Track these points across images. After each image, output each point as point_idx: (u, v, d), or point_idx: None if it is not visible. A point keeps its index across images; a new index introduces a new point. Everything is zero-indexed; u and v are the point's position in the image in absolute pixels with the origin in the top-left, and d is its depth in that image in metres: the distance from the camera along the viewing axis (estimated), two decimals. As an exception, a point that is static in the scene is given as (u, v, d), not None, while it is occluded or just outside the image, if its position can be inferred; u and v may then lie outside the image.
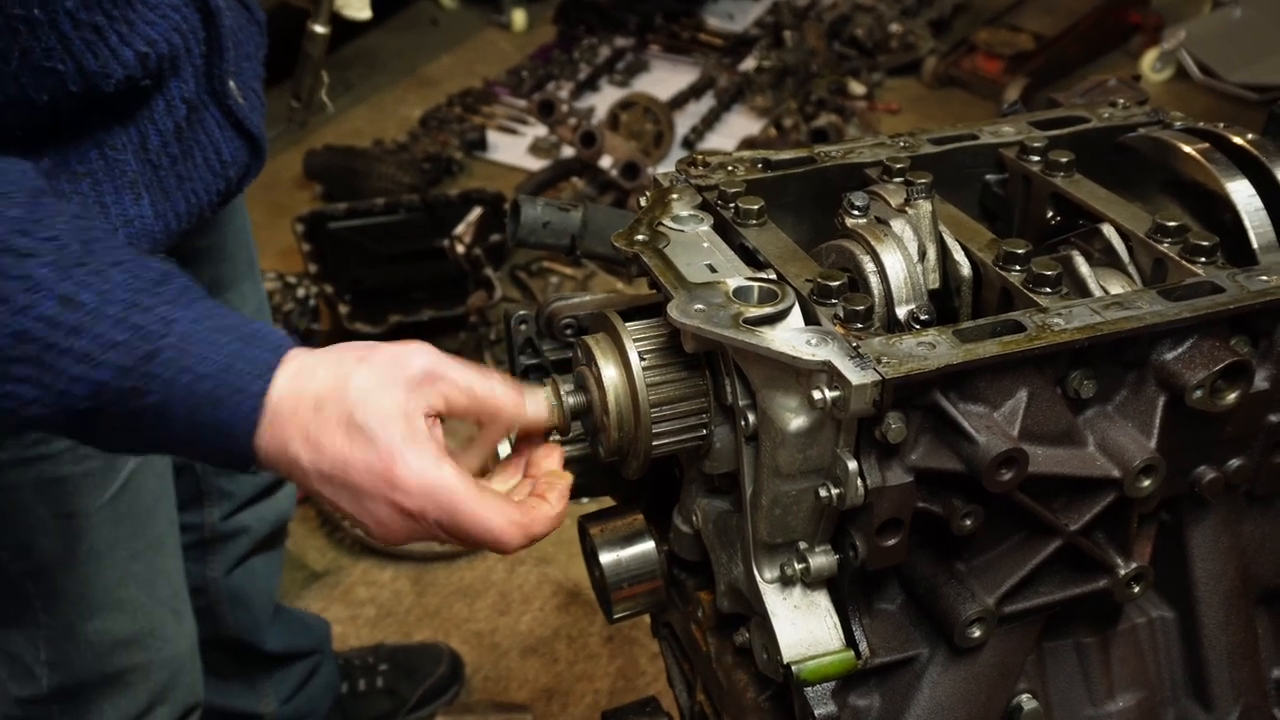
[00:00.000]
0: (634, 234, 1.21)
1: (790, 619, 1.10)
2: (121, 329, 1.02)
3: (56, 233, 1.03)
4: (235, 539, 2.23)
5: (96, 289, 1.03)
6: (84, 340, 1.02)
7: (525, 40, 5.96)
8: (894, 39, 5.58)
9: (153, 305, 1.04)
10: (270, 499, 2.26)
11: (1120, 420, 1.09)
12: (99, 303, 1.02)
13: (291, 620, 2.44)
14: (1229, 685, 1.22)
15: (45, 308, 1.01)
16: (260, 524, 2.25)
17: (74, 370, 1.02)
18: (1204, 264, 1.13)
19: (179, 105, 1.42)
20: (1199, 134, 1.33)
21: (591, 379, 1.19)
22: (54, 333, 1.01)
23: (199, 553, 2.22)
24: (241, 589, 2.28)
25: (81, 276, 1.02)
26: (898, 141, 1.38)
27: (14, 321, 1.00)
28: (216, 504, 2.17)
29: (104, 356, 1.02)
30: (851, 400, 0.95)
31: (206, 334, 1.06)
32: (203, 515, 2.18)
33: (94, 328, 1.02)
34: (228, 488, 2.17)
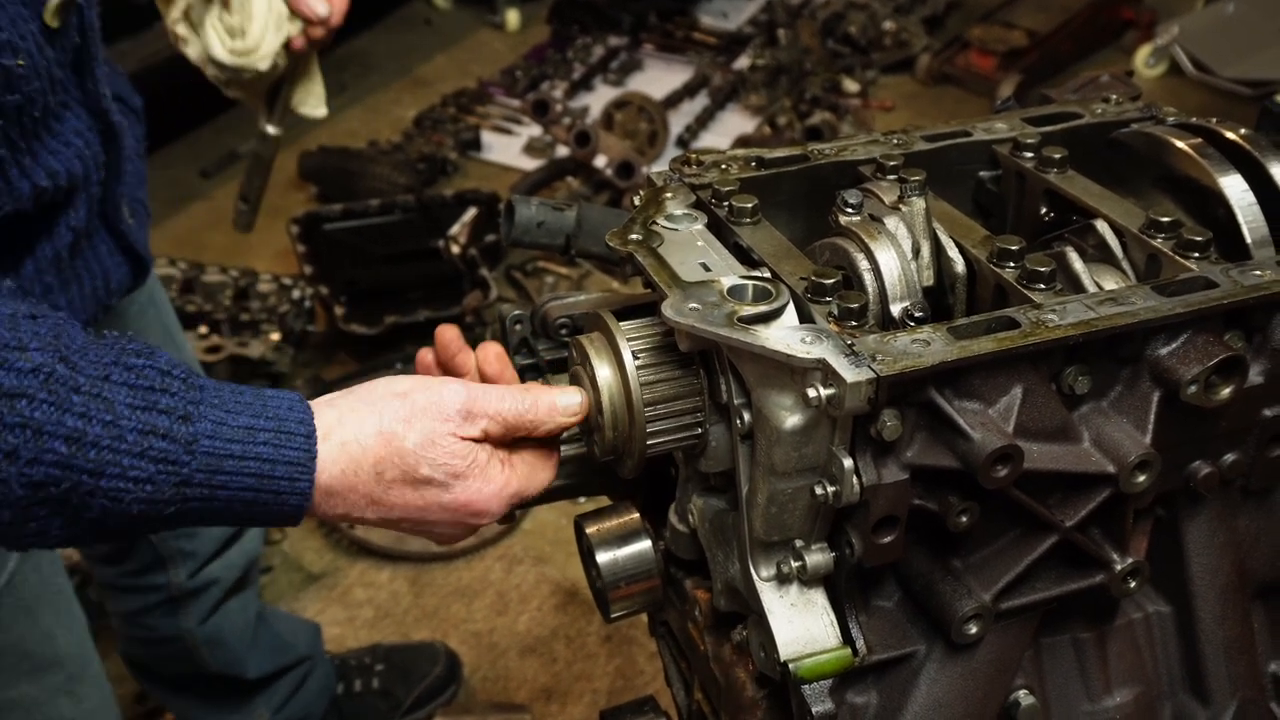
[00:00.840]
0: (628, 233, 1.21)
1: (787, 617, 1.10)
2: (145, 462, 0.97)
3: (35, 362, 0.95)
4: (206, 591, 2.23)
5: (101, 419, 0.96)
6: (107, 481, 0.96)
7: (519, 40, 5.96)
8: (888, 36, 5.59)
9: (167, 427, 0.99)
10: (236, 545, 2.25)
11: (1115, 416, 1.09)
12: (111, 436, 0.96)
13: (274, 638, 2.42)
14: (1226, 679, 1.22)
15: (55, 452, 0.94)
16: (229, 572, 2.25)
17: (101, 505, 0.97)
18: (1197, 259, 1.14)
19: (64, 234, 1.40)
20: (1192, 129, 1.33)
21: (586, 378, 1.19)
22: (71, 476, 0.95)
23: (170, 608, 2.22)
24: (218, 632, 2.28)
25: (80, 406, 0.95)
26: (891, 139, 1.38)
27: (27, 474, 0.94)
28: (180, 565, 2.17)
29: (133, 494, 0.98)
30: (847, 398, 0.95)
31: (231, 441, 1.02)
32: (167, 576, 2.17)
33: (114, 465, 0.96)
34: (188, 548, 2.16)
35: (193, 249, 4.20)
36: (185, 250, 4.12)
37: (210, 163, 4.83)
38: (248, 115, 1.62)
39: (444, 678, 2.71)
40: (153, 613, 2.24)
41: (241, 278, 3.77)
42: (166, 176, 4.80)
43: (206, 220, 4.53)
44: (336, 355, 3.81)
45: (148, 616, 2.26)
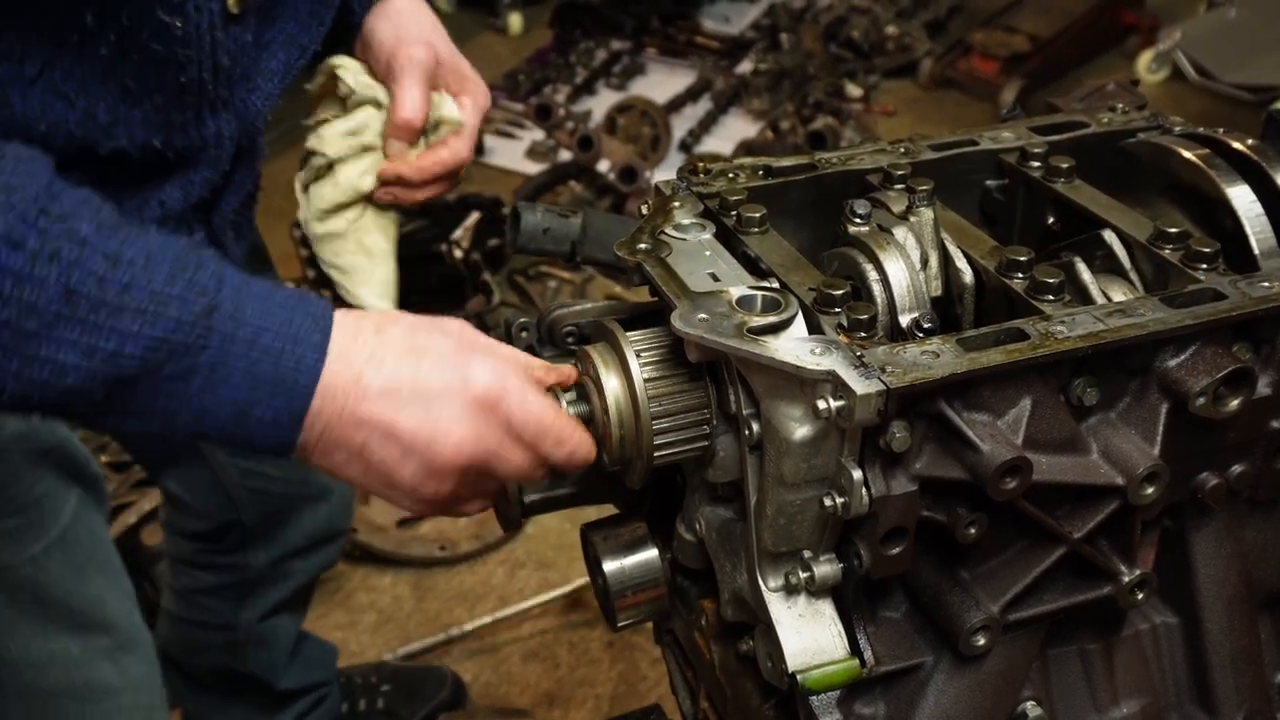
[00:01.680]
0: (636, 243, 1.21)
1: (795, 627, 1.10)
2: (176, 284, 1.00)
3: (85, 196, 1.00)
4: (276, 585, 2.24)
5: (142, 247, 1.00)
6: (138, 295, 0.99)
7: (521, 44, 5.97)
8: (890, 41, 5.59)
9: (199, 263, 1.03)
10: (322, 549, 2.27)
11: (1123, 427, 1.09)
12: (146, 260, 1.00)
13: (310, 655, 2.43)
14: (1233, 691, 1.22)
15: (94, 264, 0.97)
16: (305, 572, 2.27)
17: (130, 326, 0.98)
18: (1206, 270, 1.14)
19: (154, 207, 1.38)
20: (1199, 139, 1.33)
21: (593, 388, 1.19)
22: (105, 290, 0.97)
23: (236, 592, 2.23)
24: (270, 633, 2.29)
25: (122, 235, 1.00)
26: (898, 148, 1.38)
27: (65, 277, 0.96)
28: (263, 549, 2.18)
29: (162, 309, 0.99)
30: (856, 410, 0.95)
31: (257, 289, 1.05)
32: (246, 558, 2.18)
33: (148, 283, 0.99)
34: (275, 534, 2.18)
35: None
36: (188, 253, 4.13)
37: (213, 166, 4.83)
38: None
39: (449, 702, 2.70)
40: (218, 594, 2.24)
41: (244, 281, 3.77)
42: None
43: (209, 223, 4.53)
44: (339, 359, 3.81)
45: (211, 598, 2.25)
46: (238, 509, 2.11)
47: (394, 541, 3.11)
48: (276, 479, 2.12)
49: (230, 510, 2.11)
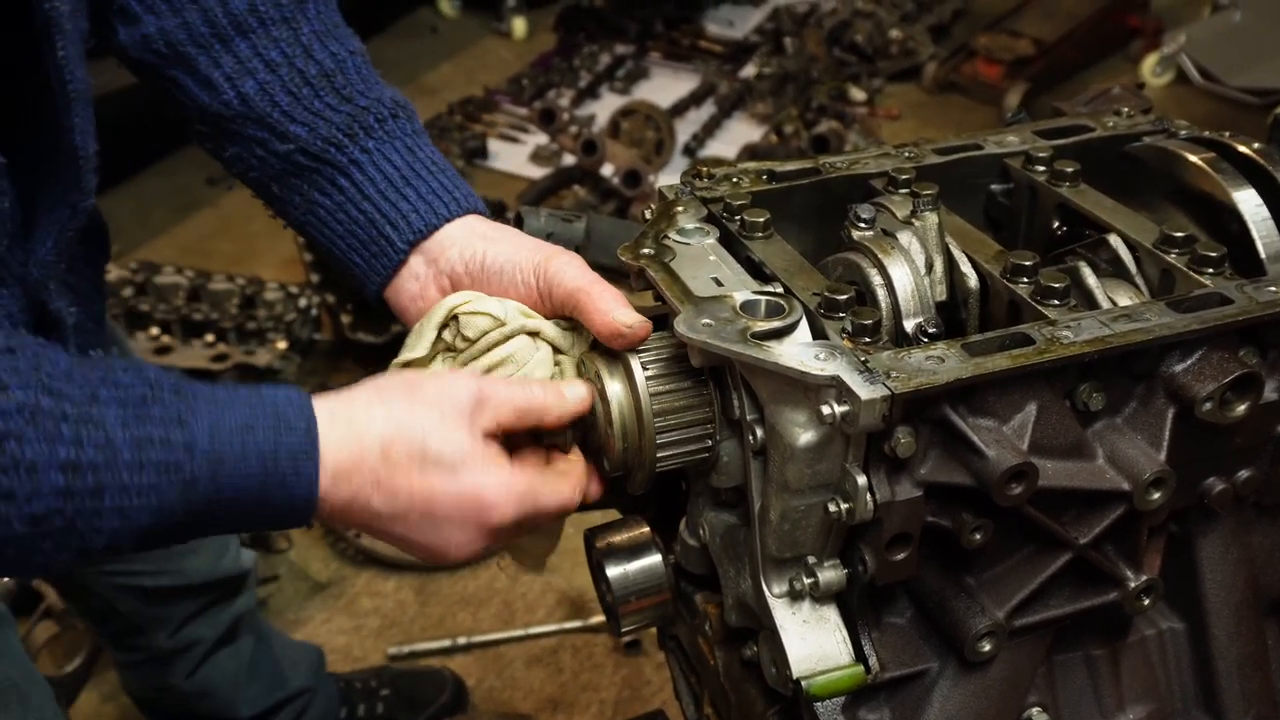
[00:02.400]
0: (640, 247, 1.20)
1: (799, 633, 1.09)
2: (144, 473, 0.95)
3: (18, 401, 0.91)
4: (189, 650, 2.21)
5: (95, 441, 0.93)
6: (110, 496, 0.94)
7: (526, 48, 5.97)
8: (894, 45, 5.59)
9: (163, 435, 0.96)
10: (221, 606, 2.22)
11: (1129, 432, 1.09)
12: (106, 454, 0.94)
13: (271, 674, 2.38)
14: (1239, 696, 1.22)
15: (53, 482, 0.92)
16: (214, 630, 2.22)
17: (110, 525, 0.95)
18: (1212, 275, 1.13)
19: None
20: (1205, 143, 1.32)
21: (596, 393, 1.18)
22: (73, 501, 0.93)
23: (154, 666, 2.21)
24: (206, 684, 2.26)
25: (71, 434, 0.92)
26: (902, 152, 1.37)
27: (28, 510, 0.91)
28: (158, 629, 2.15)
29: (138, 503, 0.95)
30: (861, 415, 0.95)
31: (231, 438, 0.99)
32: (146, 639, 2.15)
33: (115, 480, 0.94)
34: (163, 614, 2.14)
35: (199, 257, 4.21)
36: (191, 258, 4.13)
37: (217, 170, 4.80)
38: None
39: (450, 706, 2.68)
40: (140, 668, 2.25)
41: (248, 286, 3.77)
42: (173, 184, 4.81)
43: (213, 228, 4.53)
44: (343, 363, 3.81)
45: (135, 670, 2.27)
46: (108, 602, 2.08)
47: (398, 546, 3.11)
48: (147, 574, 2.06)
49: (101, 601, 2.08)
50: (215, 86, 1.33)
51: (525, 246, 1.26)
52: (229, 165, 1.40)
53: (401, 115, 1.37)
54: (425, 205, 1.31)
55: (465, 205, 1.33)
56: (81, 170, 1.23)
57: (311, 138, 1.32)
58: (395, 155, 1.33)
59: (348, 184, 1.33)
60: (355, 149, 1.32)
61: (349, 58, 1.36)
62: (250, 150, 1.36)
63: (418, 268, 1.31)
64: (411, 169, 1.33)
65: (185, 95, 1.35)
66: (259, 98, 1.32)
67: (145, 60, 1.35)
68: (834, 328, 1.06)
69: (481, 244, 1.28)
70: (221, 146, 1.39)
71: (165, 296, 3.72)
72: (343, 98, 1.34)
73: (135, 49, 1.34)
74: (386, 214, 1.31)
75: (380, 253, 1.32)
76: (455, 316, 1.23)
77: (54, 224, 1.25)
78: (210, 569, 2.15)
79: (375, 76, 1.39)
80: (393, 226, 1.31)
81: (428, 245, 1.31)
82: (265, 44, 1.32)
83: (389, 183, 1.32)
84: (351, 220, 1.33)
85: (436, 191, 1.32)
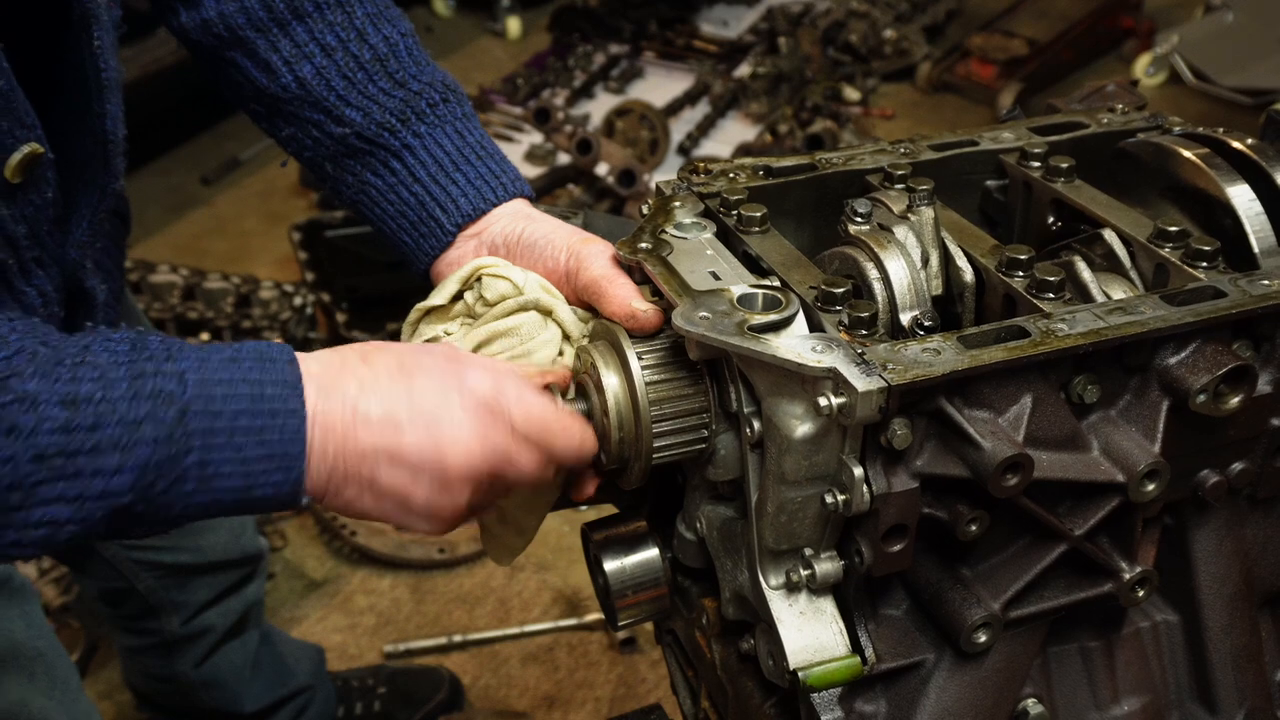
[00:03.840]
0: (637, 241, 1.21)
1: (796, 625, 1.10)
2: (140, 403, 0.97)
3: (16, 346, 0.96)
4: (200, 638, 2.21)
5: (91, 377, 0.96)
6: (109, 429, 0.96)
7: (520, 48, 5.97)
8: (888, 45, 5.60)
9: (154, 369, 0.99)
10: (234, 594, 2.23)
11: (1124, 425, 1.09)
12: (103, 388, 0.96)
13: (275, 670, 2.39)
14: (1234, 688, 1.22)
15: (54, 417, 0.94)
16: (225, 619, 2.23)
17: (110, 463, 0.96)
18: (1206, 269, 1.14)
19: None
20: (1198, 139, 1.33)
21: (592, 386, 1.19)
22: (74, 438, 0.95)
23: (164, 652, 2.21)
24: (214, 675, 2.27)
25: (68, 373, 0.96)
26: (898, 148, 1.38)
27: (29, 445, 0.93)
28: (172, 614, 2.16)
29: (136, 434, 0.96)
30: (858, 407, 0.95)
31: (219, 370, 1.02)
32: (160, 623, 2.16)
33: (112, 413, 0.96)
34: (179, 599, 2.15)
35: (194, 256, 4.21)
36: (186, 257, 4.13)
37: (211, 169, 4.84)
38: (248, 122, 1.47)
39: (446, 704, 2.68)
40: (148, 654, 2.25)
41: (243, 284, 3.77)
42: (168, 183, 4.81)
43: (208, 227, 4.53)
44: (338, 362, 3.81)
45: (143, 656, 2.26)
46: (127, 579, 2.09)
47: (393, 544, 3.11)
48: (165, 549, 2.08)
49: (120, 579, 2.09)
50: (273, 70, 1.37)
51: (564, 228, 1.31)
52: (284, 144, 1.45)
53: (452, 99, 1.41)
54: (474, 190, 1.36)
55: (512, 190, 1.38)
56: (111, 155, 1.30)
57: (366, 122, 1.37)
58: (446, 140, 1.38)
59: (400, 167, 1.37)
60: (408, 133, 1.37)
61: (400, 40, 1.40)
62: (306, 131, 1.40)
63: (463, 244, 1.37)
64: (461, 154, 1.38)
65: (243, 77, 1.40)
66: (315, 82, 1.37)
67: (204, 42, 1.39)
68: (831, 321, 1.06)
69: (524, 223, 1.33)
70: (277, 126, 1.43)
71: (160, 295, 3.72)
72: (396, 82, 1.39)
73: (195, 31, 1.38)
74: (436, 197, 1.36)
75: (429, 234, 1.37)
76: (479, 277, 1.27)
77: (87, 207, 1.31)
78: (226, 548, 2.16)
79: (426, 58, 1.43)
80: (442, 209, 1.36)
81: (474, 225, 1.36)
82: (321, 28, 1.37)
83: (439, 167, 1.37)
84: (402, 202, 1.38)
85: (484, 176, 1.37)
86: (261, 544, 2.30)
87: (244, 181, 4.88)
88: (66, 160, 1.26)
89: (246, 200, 4.77)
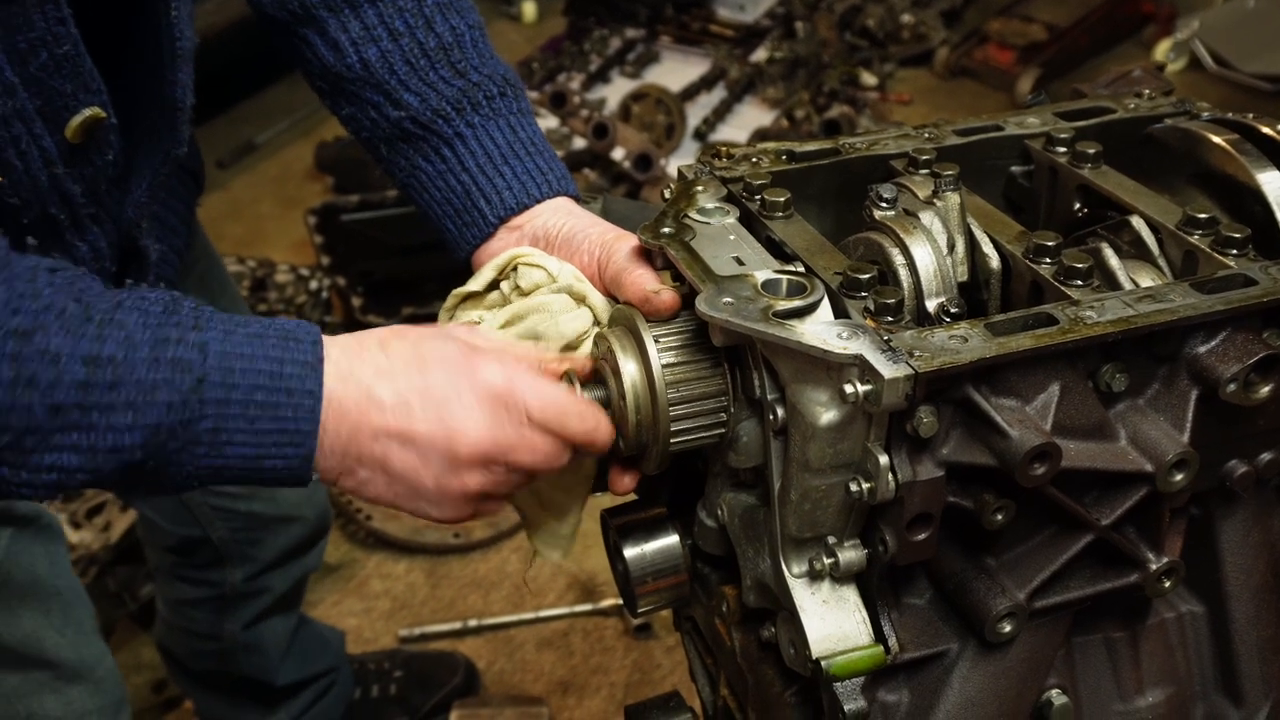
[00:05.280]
0: (660, 226, 1.20)
1: (819, 614, 1.09)
2: (159, 368, 1.00)
3: (47, 301, 0.99)
4: (257, 598, 2.23)
5: (116, 339, 1.00)
6: (125, 390, 0.99)
7: (535, 32, 5.95)
8: (906, 30, 5.56)
9: (178, 336, 1.02)
10: (297, 560, 2.26)
11: (1152, 414, 1.08)
12: (125, 350, 1.00)
13: (307, 648, 2.42)
14: (1260, 680, 1.21)
15: (74, 374, 0.98)
16: (283, 583, 2.26)
17: (123, 420, 1.00)
18: (1235, 256, 1.12)
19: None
20: (1227, 124, 1.31)
21: (610, 372, 1.18)
22: (91, 394, 0.98)
23: (217, 606, 2.23)
24: (257, 640, 2.28)
25: (94, 332, 0.99)
26: (922, 133, 1.37)
27: (47, 397, 0.97)
28: (239, 566, 2.18)
29: (150, 397, 1.00)
30: (884, 394, 0.94)
31: (242, 345, 1.05)
32: (224, 574, 2.18)
33: (131, 375, 0.99)
34: (251, 552, 2.17)
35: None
36: (202, 240, 4.12)
37: (226, 153, 4.83)
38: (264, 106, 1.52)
39: (462, 688, 2.69)
40: (200, 607, 2.25)
41: (259, 268, 3.77)
42: (183, 166, 4.81)
43: (223, 211, 4.53)
44: (353, 346, 3.81)
45: (194, 609, 2.26)
46: (203, 527, 2.11)
47: (408, 529, 3.11)
48: (242, 497, 2.10)
49: (196, 527, 2.11)
50: (341, 49, 1.41)
51: (601, 224, 1.33)
52: (344, 123, 1.49)
53: (510, 93, 1.43)
54: (519, 184, 1.37)
55: (557, 187, 1.39)
56: (179, 122, 1.35)
57: (422, 107, 1.39)
58: (498, 133, 1.40)
59: (450, 155, 1.39)
60: (461, 123, 1.39)
61: (467, 31, 1.43)
62: (365, 112, 1.43)
63: (504, 236, 1.38)
64: (511, 148, 1.39)
65: (312, 53, 1.43)
66: (379, 64, 1.40)
67: (279, 17, 1.43)
68: (856, 307, 1.05)
69: (565, 218, 1.35)
70: (338, 104, 1.47)
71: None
72: (457, 71, 1.41)
73: (271, 6, 1.42)
74: (482, 188, 1.38)
75: (471, 223, 1.39)
76: (515, 266, 1.28)
77: (149, 169, 1.35)
78: (299, 501, 2.19)
79: (490, 51, 1.46)
80: (486, 201, 1.37)
81: (517, 218, 1.37)
82: (391, 12, 1.40)
83: (488, 158, 1.38)
84: (449, 189, 1.40)
85: (531, 172, 1.38)
86: (329, 510, 2.33)
87: (259, 165, 4.88)
88: (132, 125, 1.30)
89: (262, 184, 4.77)
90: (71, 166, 1.23)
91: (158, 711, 2.74)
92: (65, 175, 1.22)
